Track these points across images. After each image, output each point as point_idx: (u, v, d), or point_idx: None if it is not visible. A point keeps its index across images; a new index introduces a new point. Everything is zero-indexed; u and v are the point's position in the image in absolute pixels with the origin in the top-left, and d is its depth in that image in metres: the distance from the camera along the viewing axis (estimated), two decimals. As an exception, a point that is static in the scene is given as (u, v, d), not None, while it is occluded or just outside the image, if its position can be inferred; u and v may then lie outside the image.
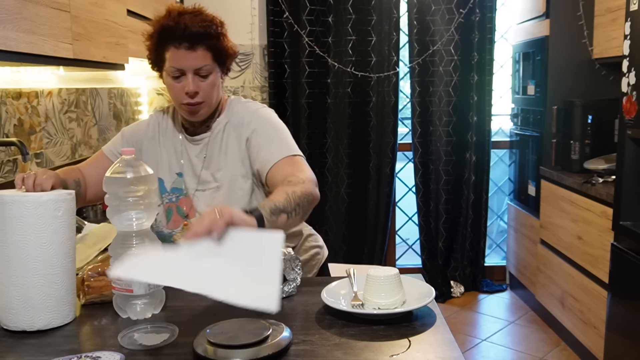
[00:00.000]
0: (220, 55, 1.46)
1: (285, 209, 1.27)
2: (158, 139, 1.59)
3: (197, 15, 1.43)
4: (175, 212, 1.53)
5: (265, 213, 1.21)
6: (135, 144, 1.59)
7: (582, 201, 2.82)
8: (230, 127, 1.54)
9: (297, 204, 1.30)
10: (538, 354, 3.06)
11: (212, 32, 1.42)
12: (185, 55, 1.41)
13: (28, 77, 2.28)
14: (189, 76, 1.43)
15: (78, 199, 1.33)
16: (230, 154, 1.52)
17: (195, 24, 1.40)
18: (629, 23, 2.25)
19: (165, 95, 3.73)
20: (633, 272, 2.26)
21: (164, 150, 1.58)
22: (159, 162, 1.57)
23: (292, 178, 1.37)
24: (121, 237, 1.26)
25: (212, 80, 1.46)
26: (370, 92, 3.86)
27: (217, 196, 1.51)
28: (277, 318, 1.18)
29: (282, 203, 1.26)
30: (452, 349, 1.08)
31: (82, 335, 1.18)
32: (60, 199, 1.19)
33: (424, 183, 3.96)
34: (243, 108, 1.56)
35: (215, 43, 1.44)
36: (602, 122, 3.04)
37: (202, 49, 1.42)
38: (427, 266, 4.02)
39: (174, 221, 1.53)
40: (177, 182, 1.55)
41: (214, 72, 1.46)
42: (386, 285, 1.23)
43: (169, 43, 1.42)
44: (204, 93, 1.45)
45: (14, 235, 1.15)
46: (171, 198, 1.55)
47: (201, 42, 1.41)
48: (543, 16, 3.33)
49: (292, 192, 1.31)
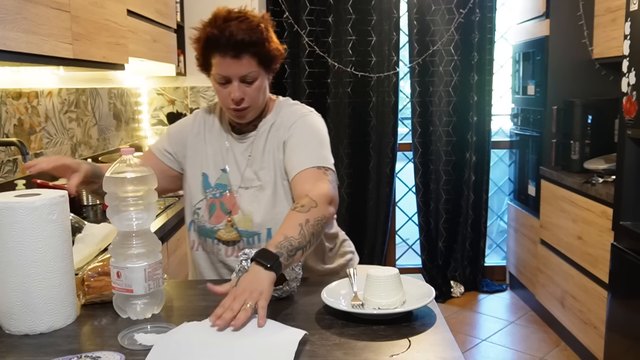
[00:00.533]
0: (266, 59, 1.46)
1: (300, 245, 1.27)
2: (204, 135, 1.60)
3: (243, 21, 1.42)
4: (219, 207, 1.54)
5: (284, 259, 1.22)
6: (180, 141, 1.61)
7: (582, 201, 2.82)
8: (275, 128, 1.55)
9: (311, 234, 1.30)
10: (538, 354, 3.06)
11: (257, 39, 1.42)
12: (231, 63, 1.42)
13: (28, 77, 2.28)
14: (234, 83, 1.44)
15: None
16: (272, 154, 1.54)
17: (240, 32, 1.40)
18: (629, 23, 2.25)
19: (165, 95, 3.73)
20: (633, 272, 2.26)
21: (209, 146, 1.59)
22: (204, 158, 1.58)
23: (304, 201, 1.35)
24: (121, 237, 1.26)
25: (258, 85, 1.47)
26: (370, 92, 3.86)
27: (260, 195, 1.52)
28: (278, 318, 1.18)
29: (297, 240, 1.27)
30: (452, 349, 1.08)
31: (82, 335, 1.18)
32: (53, 202, 1.18)
33: (424, 183, 3.96)
34: (290, 111, 1.57)
35: (260, 49, 1.43)
36: (602, 122, 3.04)
37: (247, 57, 1.42)
38: (427, 266, 4.03)
39: (216, 216, 1.54)
40: (221, 178, 1.56)
41: (259, 77, 1.47)
42: (386, 285, 1.23)
43: (215, 51, 1.43)
44: (249, 98, 1.47)
45: (10, 241, 1.14)
46: (215, 193, 1.56)
47: (246, 50, 1.41)
48: (543, 16, 3.33)
49: (305, 222, 1.31)
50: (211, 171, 1.57)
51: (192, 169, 1.58)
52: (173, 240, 2.21)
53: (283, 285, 1.33)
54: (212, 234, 1.54)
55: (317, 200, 1.36)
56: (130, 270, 1.23)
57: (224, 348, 1.03)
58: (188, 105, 3.73)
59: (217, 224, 1.53)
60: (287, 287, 1.34)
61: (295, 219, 1.31)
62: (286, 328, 1.11)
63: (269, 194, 1.52)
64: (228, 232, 1.51)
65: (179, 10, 3.42)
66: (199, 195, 1.56)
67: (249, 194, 1.53)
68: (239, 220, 1.52)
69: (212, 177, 1.57)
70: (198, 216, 1.55)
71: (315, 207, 1.34)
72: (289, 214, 1.34)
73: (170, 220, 2.14)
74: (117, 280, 1.25)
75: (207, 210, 1.54)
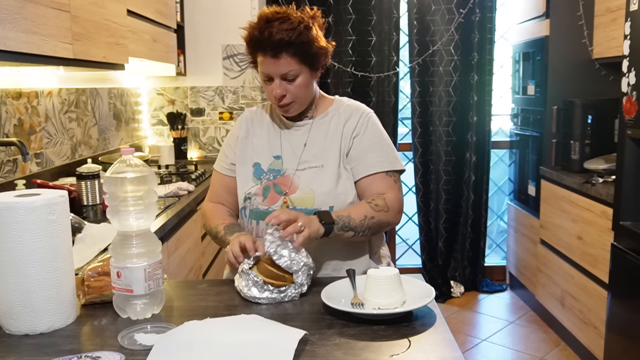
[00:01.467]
0: (307, 57, 1.51)
1: (355, 229, 1.47)
2: (252, 130, 1.66)
3: (284, 21, 1.46)
4: (272, 189, 1.58)
5: (337, 228, 1.43)
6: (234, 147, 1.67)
7: (582, 201, 2.82)
8: (337, 118, 1.62)
9: (368, 227, 1.48)
10: (538, 354, 3.06)
11: (295, 39, 1.46)
12: (271, 62, 1.48)
13: (28, 77, 2.28)
14: (276, 81, 1.50)
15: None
16: (336, 140, 1.59)
17: (279, 32, 1.44)
18: (629, 23, 2.25)
19: (165, 95, 3.73)
20: (633, 272, 2.26)
21: (259, 138, 1.65)
22: (254, 150, 1.64)
23: (379, 202, 1.52)
24: (121, 237, 1.26)
25: (300, 82, 1.52)
26: (370, 92, 3.86)
27: (321, 175, 1.57)
28: (278, 318, 1.18)
29: (356, 223, 1.46)
30: (452, 349, 1.08)
31: (82, 335, 1.18)
32: (53, 202, 1.18)
33: (424, 183, 3.96)
34: (352, 105, 1.66)
35: (299, 49, 1.48)
36: (602, 122, 3.04)
37: (286, 56, 1.47)
38: (427, 266, 4.03)
39: (270, 198, 1.57)
40: (274, 163, 1.61)
41: (301, 74, 1.51)
42: (386, 285, 1.23)
43: (257, 50, 1.50)
44: (291, 95, 1.52)
45: (10, 241, 1.14)
46: (269, 177, 1.60)
47: (284, 50, 1.46)
48: (543, 16, 3.33)
49: (370, 216, 1.49)
50: (263, 159, 1.62)
51: (243, 163, 1.63)
52: (173, 240, 2.21)
53: (287, 287, 1.33)
54: (266, 215, 1.55)
55: (390, 206, 1.53)
56: (130, 270, 1.23)
57: (224, 348, 1.03)
58: (188, 105, 3.73)
59: (272, 205, 1.56)
60: (291, 292, 1.33)
61: (364, 209, 1.49)
62: (286, 328, 1.11)
63: (333, 174, 1.57)
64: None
65: (179, 10, 3.43)
66: (250, 182, 1.60)
67: (308, 173, 1.58)
68: (297, 199, 1.55)
69: (264, 164, 1.62)
70: (250, 201, 1.59)
71: (387, 212, 1.52)
72: (362, 203, 1.52)
73: (170, 220, 2.14)
74: (117, 280, 1.25)
75: (260, 193, 1.58)
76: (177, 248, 2.28)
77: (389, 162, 1.58)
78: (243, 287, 1.33)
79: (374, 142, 1.59)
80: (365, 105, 1.68)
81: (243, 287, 1.33)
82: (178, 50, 3.35)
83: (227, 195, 1.67)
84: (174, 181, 2.76)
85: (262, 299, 1.31)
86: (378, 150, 1.58)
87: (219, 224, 1.58)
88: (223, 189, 1.68)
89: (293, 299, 1.34)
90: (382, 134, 1.62)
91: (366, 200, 1.52)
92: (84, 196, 2.24)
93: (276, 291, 1.32)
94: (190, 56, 3.65)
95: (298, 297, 1.34)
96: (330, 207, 1.54)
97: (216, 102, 3.74)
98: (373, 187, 1.56)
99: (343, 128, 1.60)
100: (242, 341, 1.05)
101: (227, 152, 1.68)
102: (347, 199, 1.56)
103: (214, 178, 1.72)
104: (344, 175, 1.58)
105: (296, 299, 1.34)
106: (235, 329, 1.10)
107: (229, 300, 1.35)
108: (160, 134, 3.79)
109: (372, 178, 1.56)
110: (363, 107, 1.66)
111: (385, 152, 1.59)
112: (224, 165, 1.68)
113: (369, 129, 1.60)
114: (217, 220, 1.60)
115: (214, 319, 1.15)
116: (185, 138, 3.68)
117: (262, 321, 1.14)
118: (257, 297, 1.31)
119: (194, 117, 3.76)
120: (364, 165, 1.57)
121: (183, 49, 3.53)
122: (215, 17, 3.56)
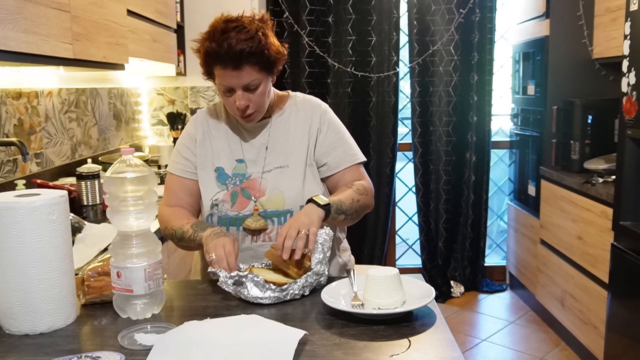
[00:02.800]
0: (267, 65, 1.48)
1: (346, 212, 1.50)
2: (209, 133, 1.62)
3: (240, 31, 1.41)
4: (240, 194, 1.56)
5: (333, 210, 1.45)
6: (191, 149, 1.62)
7: (582, 201, 2.82)
8: (297, 114, 1.61)
9: (355, 211, 1.53)
10: (538, 354, 3.06)
11: (256, 48, 1.42)
12: (232, 75, 1.44)
13: (28, 77, 2.28)
14: (238, 92, 1.46)
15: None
16: (296, 137, 1.59)
17: (238, 43, 1.40)
18: (629, 23, 2.25)
19: (165, 95, 3.73)
20: (633, 272, 2.26)
21: (218, 141, 1.61)
22: (214, 154, 1.60)
23: (359, 187, 1.57)
24: (121, 237, 1.26)
25: (262, 89, 1.49)
26: (370, 92, 3.86)
27: (288, 175, 1.56)
28: (278, 318, 1.18)
29: (347, 206, 1.50)
30: (452, 349, 1.08)
31: (82, 335, 1.18)
32: (53, 202, 1.18)
33: (424, 183, 3.96)
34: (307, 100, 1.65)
35: (260, 57, 1.44)
36: (602, 122, 3.04)
37: (248, 67, 1.43)
38: (427, 266, 4.02)
39: (239, 203, 1.55)
40: (238, 167, 1.58)
41: (262, 82, 1.48)
42: (386, 285, 1.23)
43: (215, 63, 1.45)
44: (254, 104, 1.49)
45: (10, 241, 1.14)
46: (235, 182, 1.57)
47: (246, 60, 1.42)
48: (543, 16, 3.33)
49: (357, 200, 1.53)
50: (225, 163, 1.59)
51: (204, 167, 1.59)
52: (173, 240, 2.21)
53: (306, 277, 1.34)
54: (236, 221, 1.54)
55: (369, 191, 1.59)
56: (130, 270, 1.23)
57: (224, 348, 1.03)
58: (188, 105, 3.73)
59: (242, 210, 1.54)
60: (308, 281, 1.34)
61: (349, 192, 1.54)
62: (286, 328, 1.11)
63: (299, 173, 1.56)
64: (256, 221, 1.52)
65: (179, 10, 3.43)
66: (215, 188, 1.57)
67: (275, 175, 1.56)
68: (267, 202, 1.54)
69: (227, 168, 1.58)
70: (218, 207, 1.56)
71: (367, 196, 1.57)
72: (345, 189, 1.55)
73: (170, 220, 2.13)
74: (117, 280, 1.25)
75: (229, 200, 1.55)
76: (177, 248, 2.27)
77: (355, 154, 1.63)
78: (242, 290, 1.31)
79: (338, 137, 1.62)
80: (319, 100, 1.67)
81: (242, 290, 1.31)
82: (178, 50, 3.35)
83: (188, 198, 1.60)
84: (174, 181, 2.75)
85: (264, 298, 1.30)
86: (343, 144, 1.62)
87: (183, 224, 1.51)
88: (184, 192, 1.60)
89: (294, 298, 1.33)
90: (342, 127, 1.65)
91: (347, 186, 1.57)
92: (84, 196, 2.24)
93: (278, 290, 1.31)
94: (190, 56, 3.64)
95: (299, 296, 1.34)
96: (300, 206, 1.53)
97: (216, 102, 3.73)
98: (345, 178, 1.61)
99: (308, 127, 1.59)
100: (242, 341, 1.05)
101: (185, 154, 1.61)
102: None
103: (170, 181, 1.63)
104: (309, 173, 1.58)
105: (297, 298, 1.34)
106: (235, 329, 1.10)
107: (229, 300, 1.34)
108: (160, 134, 3.79)
109: (343, 172, 1.61)
110: (318, 101, 1.66)
111: (349, 146, 1.63)
112: (183, 168, 1.61)
113: (331, 126, 1.62)
114: (181, 221, 1.53)
115: (214, 319, 1.15)
116: (185, 138, 3.68)
117: (262, 321, 1.14)
118: (259, 298, 1.30)
119: (194, 117, 3.75)
120: (334, 161, 1.60)
121: (183, 49, 3.53)
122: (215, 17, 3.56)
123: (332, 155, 1.60)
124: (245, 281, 1.30)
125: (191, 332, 1.09)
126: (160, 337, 1.09)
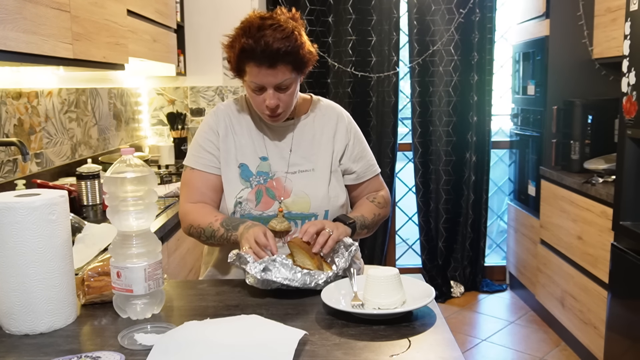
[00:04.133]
0: (300, 65, 1.46)
1: (368, 227, 1.59)
2: (232, 128, 1.59)
3: (277, 29, 1.39)
4: (265, 193, 1.54)
5: (358, 227, 1.53)
6: (214, 143, 1.58)
7: (582, 201, 2.82)
8: (322, 119, 1.63)
9: (375, 223, 1.62)
10: (538, 354, 3.06)
11: (292, 48, 1.41)
12: (266, 73, 1.42)
13: (28, 77, 2.28)
14: (269, 91, 1.44)
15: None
16: (321, 142, 1.61)
17: (275, 41, 1.38)
18: (629, 23, 2.25)
19: (165, 95, 3.73)
20: (633, 272, 2.26)
21: (241, 137, 1.58)
22: (238, 149, 1.57)
23: (379, 199, 1.66)
24: (121, 237, 1.26)
25: (292, 90, 1.48)
26: (370, 92, 3.86)
27: (314, 179, 1.56)
28: (278, 318, 1.18)
29: (369, 221, 1.59)
30: (452, 349, 1.08)
31: (82, 335, 1.18)
32: (53, 202, 1.17)
33: (424, 183, 3.96)
34: (332, 107, 1.67)
35: (295, 57, 1.43)
36: (602, 122, 3.04)
37: (282, 66, 1.42)
38: (427, 266, 4.02)
39: (264, 202, 1.53)
40: (262, 165, 1.57)
41: (294, 82, 1.47)
42: (386, 285, 1.23)
43: (250, 60, 1.42)
44: (284, 104, 1.48)
45: (10, 241, 1.14)
46: (258, 180, 1.55)
47: (282, 59, 1.41)
48: (543, 16, 3.33)
49: (378, 214, 1.63)
50: (249, 160, 1.57)
51: (228, 163, 1.56)
52: (173, 240, 2.21)
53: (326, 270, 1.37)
54: (259, 220, 1.51)
55: (388, 202, 1.69)
56: (130, 270, 1.23)
57: (224, 348, 1.03)
58: (188, 105, 3.73)
59: (266, 210, 1.53)
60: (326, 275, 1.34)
61: (371, 207, 1.62)
62: (286, 328, 1.11)
63: (324, 177, 1.57)
64: (280, 223, 1.51)
65: (179, 10, 3.42)
66: (239, 185, 1.54)
67: (300, 177, 1.56)
68: (293, 204, 1.53)
69: (251, 165, 1.57)
70: (241, 205, 1.53)
71: (386, 208, 1.67)
72: (366, 202, 1.64)
73: (170, 220, 2.14)
74: (117, 280, 1.25)
75: (253, 199, 1.53)
76: (177, 248, 2.28)
77: (375, 165, 1.71)
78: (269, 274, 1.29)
79: (362, 148, 1.68)
80: (340, 107, 1.70)
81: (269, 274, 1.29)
82: (178, 50, 3.35)
83: (212, 194, 1.56)
84: (174, 181, 2.76)
85: (293, 280, 1.30)
86: (366, 154, 1.68)
87: (212, 221, 1.48)
88: (208, 188, 1.56)
89: (316, 288, 1.32)
90: (364, 138, 1.71)
91: (368, 199, 1.65)
92: (84, 196, 2.24)
93: (307, 273, 1.32)
94: (190, 56, 3.65)
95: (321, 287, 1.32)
96: (326, 211, 1.54)
97: (216, 102, 3.73)
98: (369, 187, 1.69)
99: (333, 134, 1.61)
100: (242, 341, 1.05)
101: (208, 148, 1.57)
102: (339, 202, 1.58)
103: (192, 177, 1.57)
104: (334, 178, 1.59)
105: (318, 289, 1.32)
106: (235, 329, 1.10)
107: (229, 300, 1.35)
108: (160, 134, 3.79)
109: (368, 182, 1.68)
110: (341, 109, 1.69)
111: (371, 156, 1.71)
112: (208, 163, 1.56)
113: (357, 136, 1.67)
114: (208, 219, 1.50)
115: (214, 319, 1.15)
116: (185, 138, 3.68)
117: (262, 321, 1.14)
118: (288, 279, 1.30)
119: (194, 117, 3.76)
120: (360, 171, 1.66)
121: (183, 49, 3.53)
122: (215, 17, 3.56)
123: (359, 165, 1.65)
124: (275, 263, 1.30)
125: (191, 332, 1.09)
126: (160, 337, 1.09)
